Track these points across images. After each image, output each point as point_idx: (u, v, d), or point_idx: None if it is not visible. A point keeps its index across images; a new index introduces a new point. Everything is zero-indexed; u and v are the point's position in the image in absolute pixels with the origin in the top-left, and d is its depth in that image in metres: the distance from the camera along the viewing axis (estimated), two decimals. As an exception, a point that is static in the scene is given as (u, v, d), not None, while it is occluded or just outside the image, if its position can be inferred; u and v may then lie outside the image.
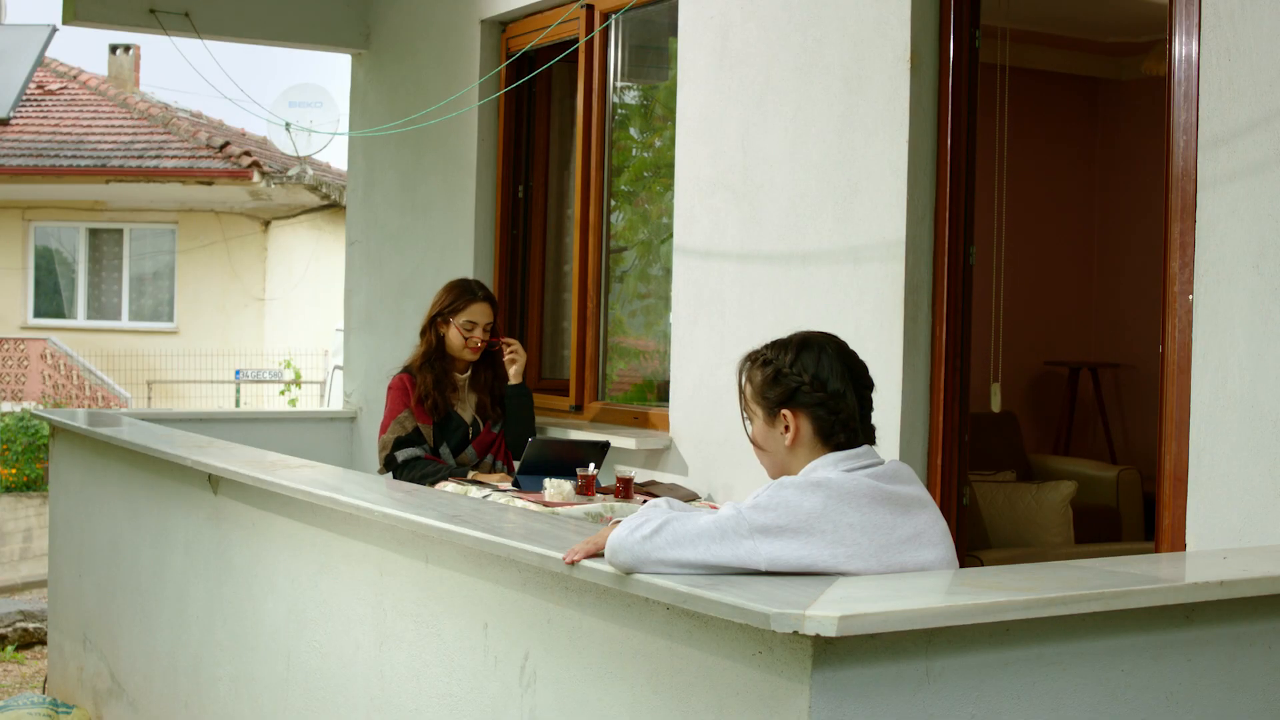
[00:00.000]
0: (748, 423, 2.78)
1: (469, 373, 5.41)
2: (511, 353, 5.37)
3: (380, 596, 3.35)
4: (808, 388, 2.66)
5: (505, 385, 5.43)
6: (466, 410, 5.36)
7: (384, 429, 5.31)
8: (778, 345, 2.75)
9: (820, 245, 4.67)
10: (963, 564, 2.76)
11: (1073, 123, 8.40)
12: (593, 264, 6.05)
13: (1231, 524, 3.40)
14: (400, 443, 5.25)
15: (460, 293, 5.32)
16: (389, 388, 5.39)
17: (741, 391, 2.78)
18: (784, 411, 2.68)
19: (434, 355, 5.32)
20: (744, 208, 5.02)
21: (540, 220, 6.74)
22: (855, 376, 2.71)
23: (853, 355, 2.74)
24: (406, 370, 5.40)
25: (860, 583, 2.39)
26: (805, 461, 2.66)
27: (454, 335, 5.29)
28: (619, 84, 6.12)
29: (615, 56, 6.07)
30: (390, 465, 5.27)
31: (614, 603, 2.55)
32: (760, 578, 2.38)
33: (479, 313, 5.30)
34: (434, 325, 5.33)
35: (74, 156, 18.35)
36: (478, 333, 5.30)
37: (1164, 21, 3.67)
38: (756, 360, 2.76)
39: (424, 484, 5.00)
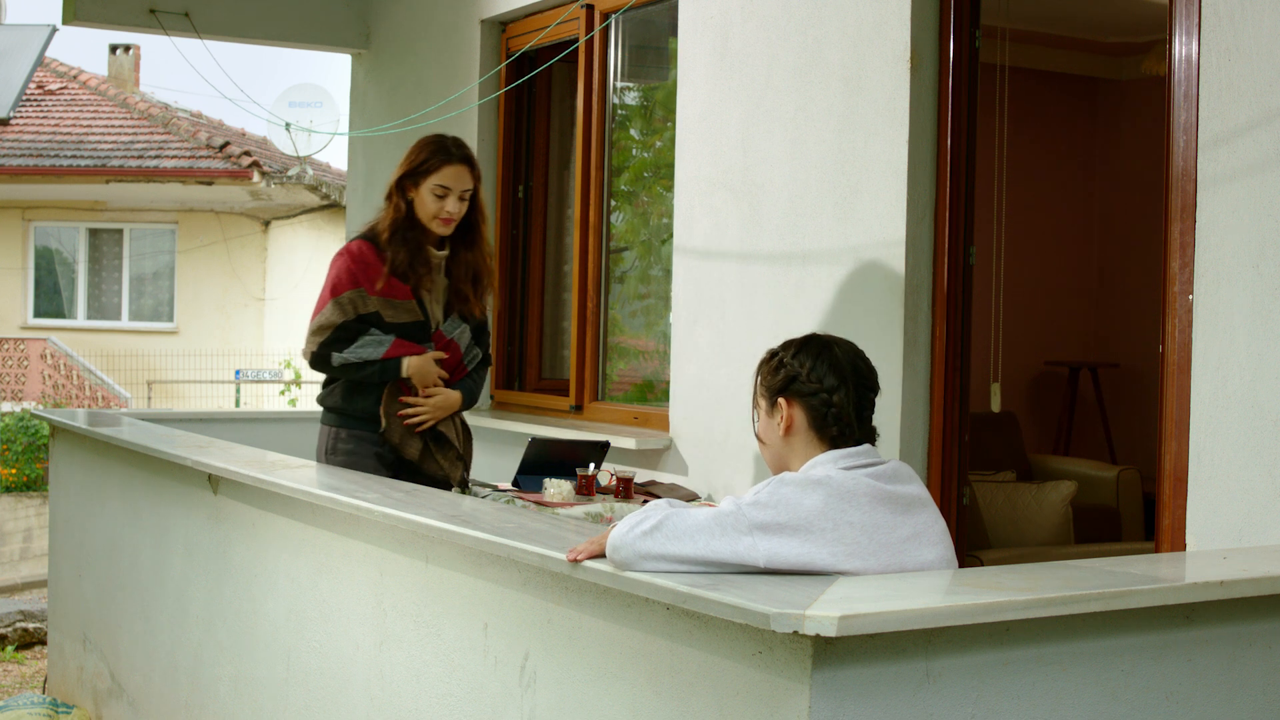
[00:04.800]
0: (755, 419, 2.80)
1: (446, 250, 4.45)
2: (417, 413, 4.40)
3: (380, 596, 3.35)
4: (804, 378, 2.69)
5: (485, 280, 4.52)
6: (436, 300, 4.44)
7: (319, 308, 4.35)
8: (789, 342, 2.79)
9: (820, 245, 4.67)
10: (963, 564, 2.76)
11: (1073, 123, 8.40)
12: (593, 264, 6.05)
13: (1231, 524, 3.40)
14: (343, 332, 4.30)
15: (433, 150, 4.37)
16: (337, 256, 4.40)
17: (754, 388, 2.82)
18: (780, 400, 2.70)
19: (404, 225, 4.36)
20: (744, 208, 5.02)
21: (540, 220, 6.74)
22: (857, 376, 2.72)
23: (861, 358, 2.76)
24: (367, 238, 4.41)
25: (860, 583, 2.38)
26: (801, 454, 2.67)
27: (425, 200, 4.33)
28: (619, 84, 6.12)
29: (615, 56, 6.07)
30: (322, 364, 4.36)
31: (614, 603, 2.55)
32: (760, 577, 2.37)
33: (453, 176, 4.34)
34: (401, 189, 4.37)
35: (74, 156, 18.35)
36: (451, 202, 4.33)
37: (1164, 21, 3.67)
38: (767, 355, 2.79)
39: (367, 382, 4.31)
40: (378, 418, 4.36)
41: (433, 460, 4.42)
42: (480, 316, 4.54)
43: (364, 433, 4.39)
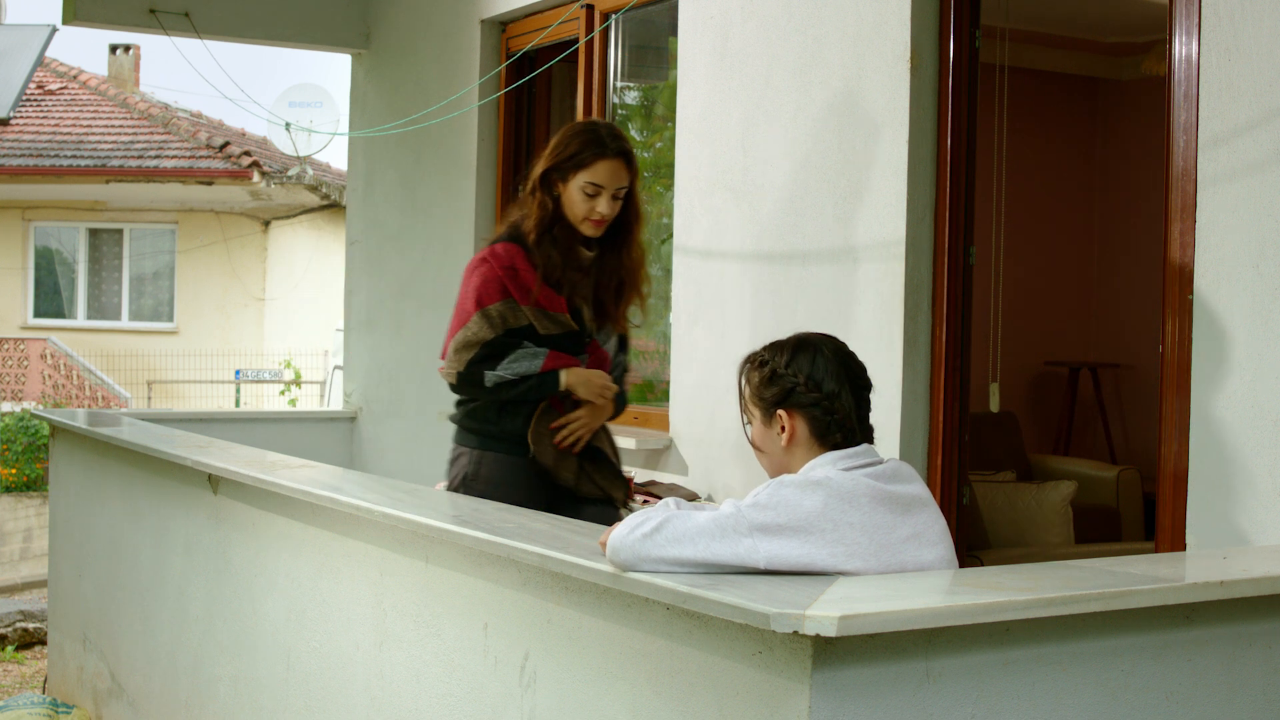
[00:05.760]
0: (747, 425, 2.78)
1: (595, 250, 3.96)
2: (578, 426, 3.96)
3: (380, 596, 3.35)
4: (802, 388, 2.67)
5: (632, 288, 4.03)
6: (588, 306, 3.98)
7: (461, 321, 3.87)
8: (775, 346, 2.75)
9: (820, 245, 4.66)
10: (963, 564, 2.76)
11: (1073, 123, 8.40)
12: (593, 264, 6.05)
13: (1231, 524, 3.40)
14: (492, 348, 3.83)
15: (585, 142, 3.87)
16: (479, 261, 3.91)
17: (741, 393, 2.79)
18: (779, 412, 2.68)
19: (553, 222, 3.87)
20: (744, 208, 5.02)
21: (540, 220, 6.74)
22: (852, 377, 2.71)
23: (850, 355, 2.74)
24: (513, 240, 3.91)
25: (860, 583, 2.38)
26: (802, 460, 2.66)
27: (574, 198, 3.85)
28: (619, 84, 6.12)
29: (615, 56, 6.07)
30: (472, 384, 3.89)
31: (614, 603, 2.55)
32: (760, 577, 2.37)
33: (608, 173, 3.84)
34: (546, 183, 3.89)
35: (74, 156, 18.35)
36: (603, 202, 3.85)
37: (1164, 21, 3.67)
38: (754, 361, 2.77)
39: (521, 403, 3.86)
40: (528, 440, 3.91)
41: (590, 482, 3.98)
42: (622, 329, 4.08)
43: (514, 458, 3.93)
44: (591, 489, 3.99)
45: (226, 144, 18.33)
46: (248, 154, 18.05)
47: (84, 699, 5.45)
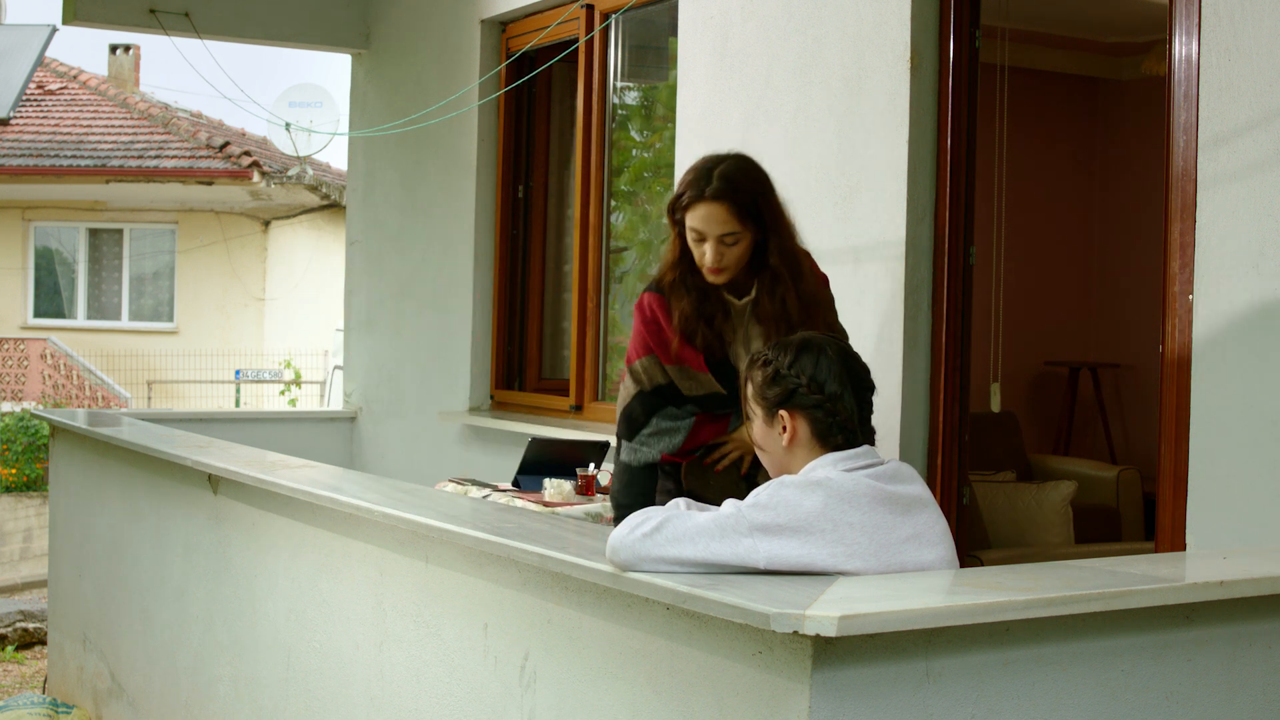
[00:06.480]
0: (748, 424, 2.79)
1: (752, 295, 3.54)
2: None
3: (380, 596, 3.35)
4: (805, 389, 2.67)
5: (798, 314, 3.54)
6: (745, 350, 3.57)
7: (621, 377, 3.68)
8: (778, 346, 2.76)
9: (820, 245, 4.66)
10: (963, 564, 2.76)
11: (1073, 123, 8.40)
12: (593, 264, 6.05)
13: (1231, 524, 3.40)
14: (643, 401, 3.55)
15: (690, 181, 3.45)
16: (635, 310, 3.65)
17: (742, 392, 2.80)
18: (781, 412, 2.69)
19: (685, 267, 3.49)
20: (744, 208, 5.01)
21: (540, 220, 6.74)
22: (855, 379, 2.71)
23: (854, 357, 2.75)
24: (656, 288, 3.57)
25: (860, 583, 2.38)
26: (804, 462, 2.67)
27: (690, 241, 3.47)
28: (619, 84, 6.12)
29: (615, 56, 6.07)
30: (619, 444, 3.68)
31: (614, 603, 2.55)
32: (760, 577, 2.37)
33: (704, 218, 3.39)
34: (674, 220, 3.51)
35: (74, 156, 18.35)
36: (709, 250, 3.40)
37: (1164, 21, 3.67)
38: (757, 361, 2.77)
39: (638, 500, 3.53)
40: (684, 460, 3.64)
41: None
42: None
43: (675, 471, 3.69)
44: None
45: (226, 144, 18.33)
46: (248, 154, 18.04)
47: (84, 699, 5.45)
